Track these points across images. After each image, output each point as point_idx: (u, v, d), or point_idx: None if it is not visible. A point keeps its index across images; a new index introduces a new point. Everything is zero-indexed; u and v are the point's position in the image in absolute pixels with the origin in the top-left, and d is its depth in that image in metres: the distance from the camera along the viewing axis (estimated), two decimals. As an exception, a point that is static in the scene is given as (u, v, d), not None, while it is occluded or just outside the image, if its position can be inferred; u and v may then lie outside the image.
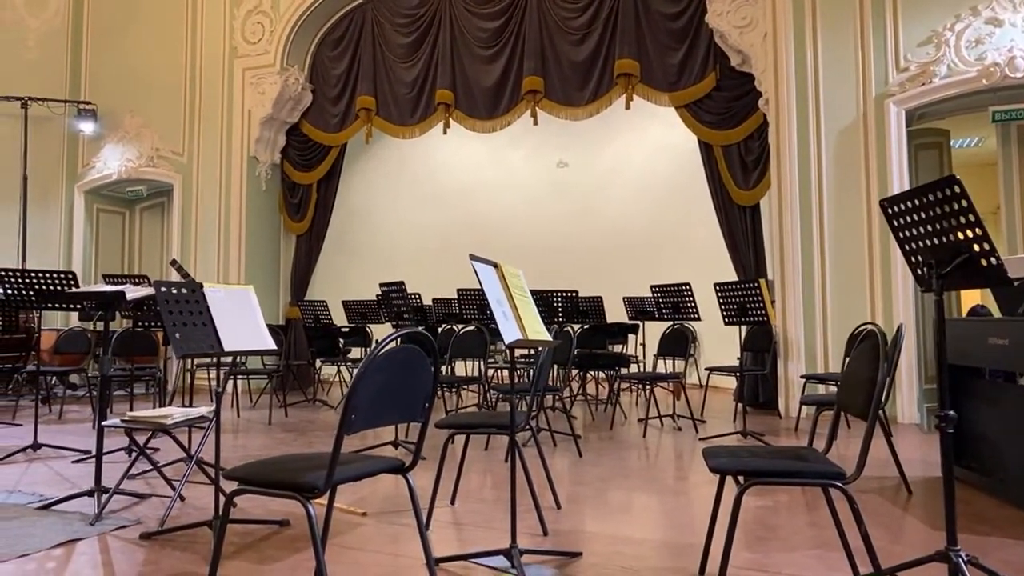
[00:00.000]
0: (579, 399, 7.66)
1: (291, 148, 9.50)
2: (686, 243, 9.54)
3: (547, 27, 8.12)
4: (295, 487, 1.89)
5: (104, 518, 3.15)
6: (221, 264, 9.17)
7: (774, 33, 6.71)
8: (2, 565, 2.60)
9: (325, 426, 6.14)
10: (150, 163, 9.71)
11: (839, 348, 6.13)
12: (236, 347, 2.85)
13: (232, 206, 9.19)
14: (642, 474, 4.18)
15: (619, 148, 10.48)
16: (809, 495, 3.62)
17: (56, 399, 7.57)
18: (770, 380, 6.72)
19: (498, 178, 11.03)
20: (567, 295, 6.50)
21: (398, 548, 2.82)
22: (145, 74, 9.80)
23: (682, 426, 5.91)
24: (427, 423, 2.25)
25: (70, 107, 9.92)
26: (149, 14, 9.88)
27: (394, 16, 8.92)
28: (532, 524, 3.05)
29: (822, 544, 2.84)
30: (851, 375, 2.26)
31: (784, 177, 6.56)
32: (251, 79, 9.22)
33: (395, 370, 2.05)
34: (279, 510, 3.32)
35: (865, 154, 6.28)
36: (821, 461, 2.13)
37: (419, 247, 10.90)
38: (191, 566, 2.61)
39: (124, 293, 3.41)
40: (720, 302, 5.32)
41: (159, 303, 2.73)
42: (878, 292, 6.13)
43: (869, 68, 6.30)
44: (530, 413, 3.24)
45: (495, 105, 8.38)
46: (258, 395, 8.30)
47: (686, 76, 7.40)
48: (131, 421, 3.27)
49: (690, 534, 3.00)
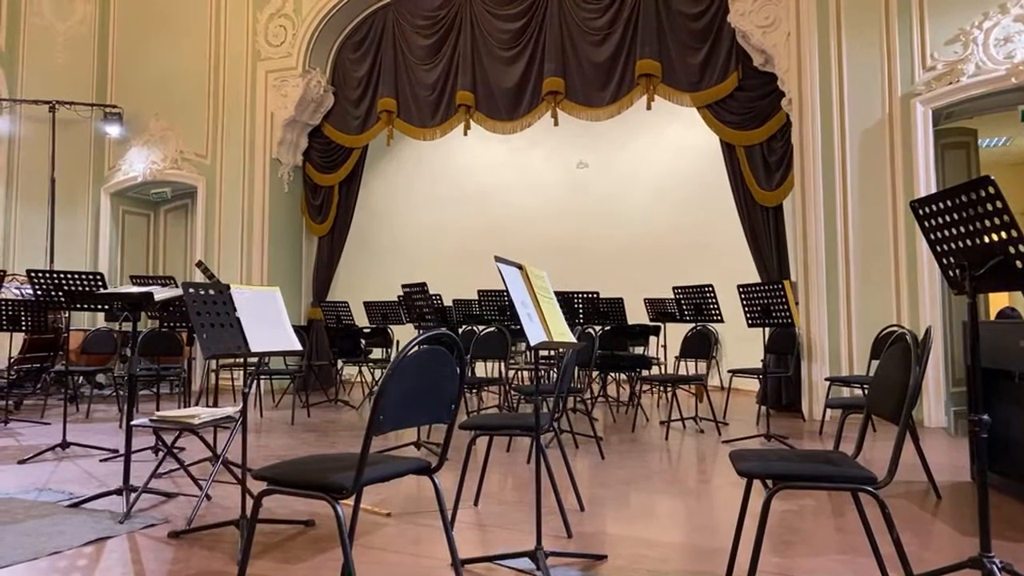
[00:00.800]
0: (600, 401, 7.64)
1: (313, 150, 9.57)
2: (707, 244, 9.48)
3: (568, 28, 8.11)
4: (323, 488, 1.90)
5: (133, 516, 3.19)
6: (244, 265, 9.26)
7: (797, 32, 6.65)
8: (36, 562, 2.65)
9: (347, 426, 6.18)
10: (174, 165, 9.83)
11: (864, 350, 6.05)
12: (263, 348, 2.88)
13: (255, 208, 9.28)
14: (665, 476, 4.16)
15: (639, 149, 10.44)
16: (836, 499, 3.58)
17: (83, 398, 7.69)
18: (794, 382, 6.65)
19: (518, 179, 11.04)
20: (588, 296, 6.49)
21: (421, 549, 2.83)
22: (170, 77, 9.92)
23: (705, 428, 5.87)
24: (453, 424, 2.25)
25: (97, 110, 10.07)
26: (174, 18, 10.01)
27: (415, 18, 8.96)
28: (556, 526, 3.05)
29: (850, 549, 2.81)
30: (882, 378, 2.23)
31: (808, 177, 6.50)
32: (274, 82, 9.30)
33: (422, 372, 2.06)
34: (303, 510, 3.34)
35: (891, 154, 6.20)
36: (851, 465, 2.11)
37: (439, 248, 10.93)
38: (219, 565, 2.64)
39: (152, 294, 3.45)
40: (743, 304, 5.28)
41: (187, 304, 2.76)
42: (904, 293, 6.05)
43: (895, 67, 6.23)
44: (554, 415, 3.24)
45: (515, 106, 8.39)
46: (280, 395, 8.37)
47: (708, 76, 7.36)
48: (159, 421, 3.31)
49: (715, 538, 2.98)
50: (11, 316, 6.21)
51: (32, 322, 6.36)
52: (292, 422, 6.36)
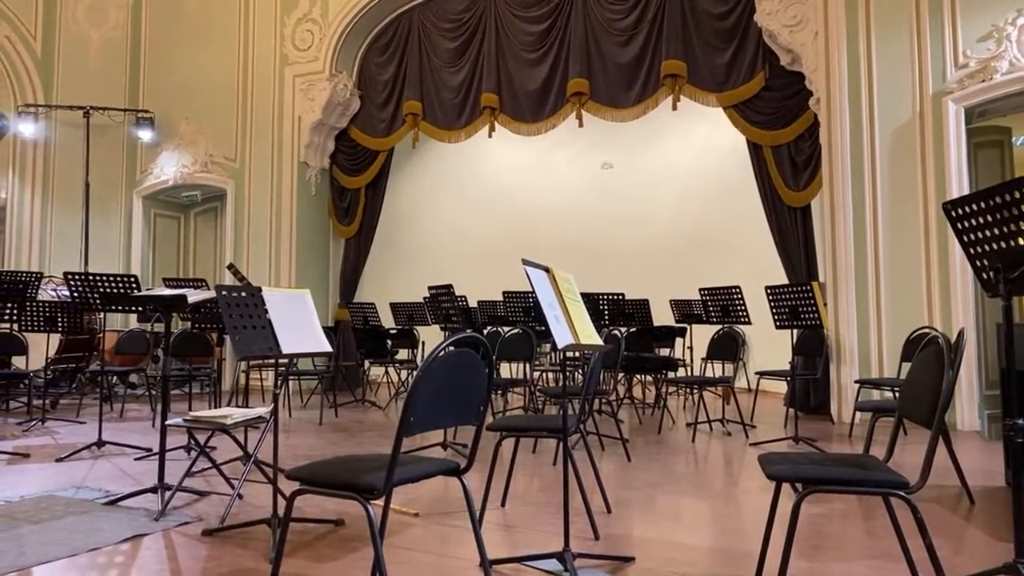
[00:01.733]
0: (625, 403, 7.62)
1: (340, 153, 9.67)
2: (733, 245, 9.41)
3: (592, 29, 8.10)
4: (355, 488, 1.93)
5: (167, 514, 3.26)
6: (272, 267, 9.39)
7: (825, 31, 6.58)
8: (76, 558, 2.72)
9: (374, 426, 6.24)
10: (204, 169, 9.99)
11: (894, 353, 5.97)
12: (293, 349, 2.92)
13: (283, 210, 9.40)
14: (692, 479, 4.14)
15: (665, 149, 10.40)
16: (865, 503, 3.54)
17: (117, 398, 7.85)
18: (822, 385, 6.58)
19: (542, 180, 11.05)
20: (613, 298, 6.48)
21: (448, 549, 2.86)
22: (200, 82, 10.09)
23: (732, 431, 5.83)
24: (482, 426, 2.27)
25: (129, 115, 10.28)
26: (204, 24, 10.17)
27: (440, 21, 9.01)
28: (583, 528, 3.05)
29: (881, 554, 2.78)
30: (914, 382, 2.21)
31: (836, 177, 6.43)
32: (301, 86, 9.41)
33: (452, 374, 2.08)
34: (333, 509, 3.38)
35: (921, 153, 6.11)
36: (883, 469, 2.09)
37: (464, 249, 10.98)
38: (251, 562, 2.68)
39: (185, 296, 3.52)
40: (771, 305, 5.24)
41: (220, 307, 2.81)
42: (936, 295, 5.95)
43: (925, 65, 6.13)
44: (581, 417, 3.24)
45: (540, 108, 8.40)
46: (309, 396, 8.47)
47: (734, 76, 7.31)
48: (192, 421, 3.38)
49: (743, 541, 2.96)
50: (48, 317, 6.36)
51: (68, 323, 6.51)
52: (320, 422, 6.43)
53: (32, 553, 2.73)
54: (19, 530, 3.03)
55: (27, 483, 3.98)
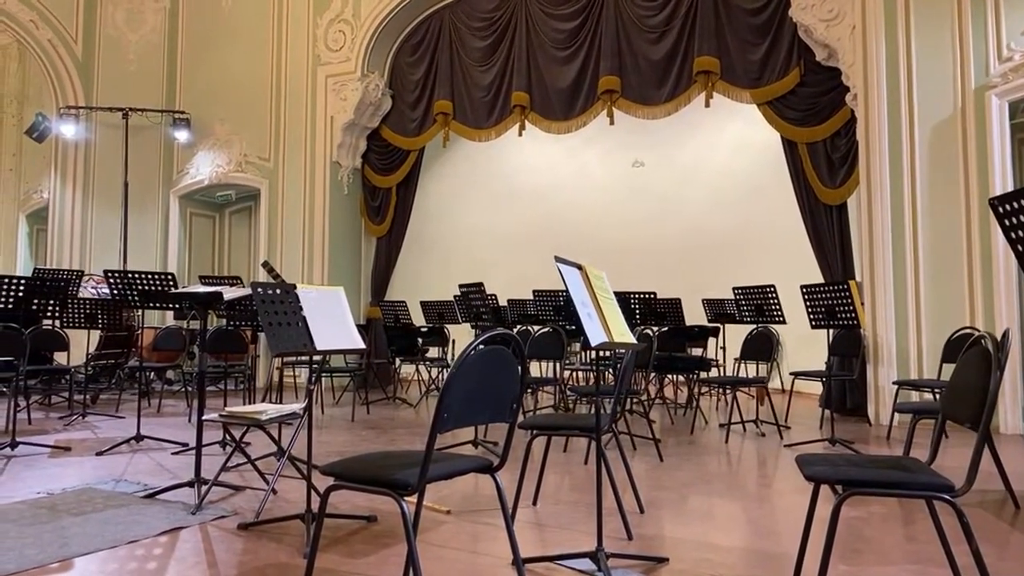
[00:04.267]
0: (657, 402, 7.56)
1: (371, 152, 9.74)
2: (767, 243, 9.28)
3: (624, 26, 8.05)
4: (390, 484, 1.94)
5: (204, 508, 3.31)
6: (305, 265, 9.49)
7: (863, 25, 6.45)
8: (116, 550, 2.77)
9: (405, 423, 6.27)
10: (239, 168, 10.13)
11: (933, 353, 5.83)
12: (328, 346, 2.95)
13: (316, 209, 9.50)
14: (725, 480, 4.09)
15: (697, 146, 10.29)
16: (905, 507, 3.47)
17: (154, 393, 8.00)
18: (859, 385, 6.46)
19: (572, 178, 11.01)
20: (645, 297, 6.43)
21: (480, 546, 2.86)
22: (234, 84, 10.23)
23: (765, 432, 5.75)
24: (514, 424, 2.26)
25: (166, 116, 10.46)
26: (238, 27, 10.32)
27: (471, 20, 9.02)
28: (615, 527, 3.03)
29: (923, 559, 2.71)
30: (959, 384, 2.15)
31: (874, 174, 6.30)
32: (333, 86, 9.50)
33: (485, 371, 2.07)
34: (364, 505, 3.40)
35: (963, 149, 5.96)
36: (926, 472, 2.04)
37: (494, 248, 10.98)
38: (286, 557, 2.71)
39: (222, 294, 3.57)
40: (807, 305, 5.15)
41: (256, 304, 2.84)
42: (978, 294, 5.80)
43: (968, 59, 5.98)
44: (614, 416, 3.22)
45: (571, 106, 8.37)
46: (340, 392, 8.54)
47: (768, 72, 7.20)
48: (228, 417, 3.43)
49: (778, 543, 2.92)
50: (88, 314, 6.51)
51: (108, 320, 6.66)
52: (352, 419, 6.49)
53: (74, 544, 2.80)
54: (61, 522, 3.10)
55: (68, 476, 4.07)
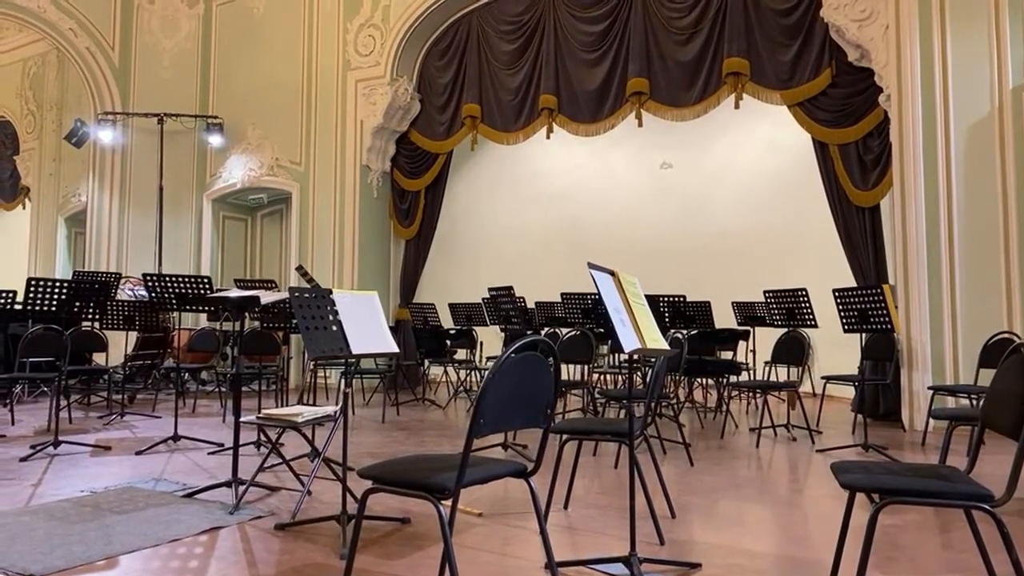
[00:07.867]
0: (687, 407, 7.52)
1: (400, 156, 9.83)
2: (797, 246, 9.19)
3: (652, 28, 8.02)
4: (427, 488, 1.97)
5: (241, 508, 3.38)
6: (336, 268, 9.60)
7: (896, 25, 6.36)
8: (158, 548, 2.85)
9: (434, 425, 6.32)
10: (270, 172, 10.29)
11: (970, 358, 5.72)
12: (363, 350, 3.00)
13: (346, 213, 9.61)
14: (757, 485, 4.07)
15: (726, 148, 10.21)
16: (942, 515, 3.42)
17: (189, 394, 8.15)
18: (892, 391, 6.37)
19: (600, 180, 10.99)
20: (673, 300, 6.40)
21: (512, 549, 2.88)
22: (266, 89, 10.39)
23: (797, 437, 5.70)
24: (549, 428, 2.29)
25: (200, 121, 10.66)
26: (270, 33, 10.47)
27: (499, 24, 9.06)
28: (647, 532, 3.04)
29: (960, 568, 2.68)
30: (999, 390, 2.13)
31: (908, 176, 6.21)
32: (363, 90, 9.60)
33: (521, 376, 2.10)
34: (397, 507, 3.45)
35: (1000, 149, 5.85)
36: (964, 481, 2.02)
37: (521, 250, 11.00)
38: (321, 557, 2.76)
39: (258, 297, 3.64)
40: (839, 308, 5.10)
41: (293, 308, 2.90)
42: (1016, 297, 5.69)
43: (1004, 57, 5.87)
44: (646, 421, 3.23)
45: (599, 108, 8.36)
46: (370, 394, 8.63)
47: (799, 73, 7.13)
48: (265, 418, 3.50)
49: (810, 550, 2.90)
50: (126, 316, 6.66)
51: (144, 322, 6.81)
52: (383, 420, 6.56)
53: (118, 542, 2.88)
54: (105, 520, 3.19)
55: (110, 475, 4.18)
